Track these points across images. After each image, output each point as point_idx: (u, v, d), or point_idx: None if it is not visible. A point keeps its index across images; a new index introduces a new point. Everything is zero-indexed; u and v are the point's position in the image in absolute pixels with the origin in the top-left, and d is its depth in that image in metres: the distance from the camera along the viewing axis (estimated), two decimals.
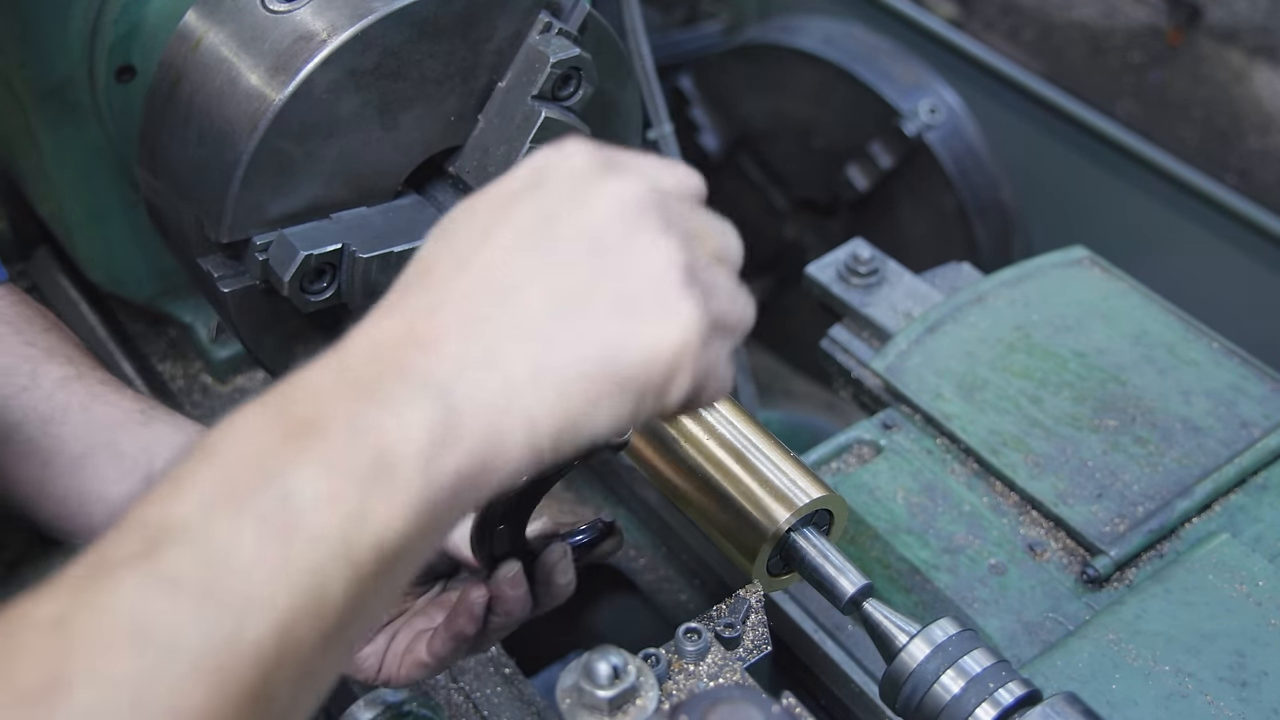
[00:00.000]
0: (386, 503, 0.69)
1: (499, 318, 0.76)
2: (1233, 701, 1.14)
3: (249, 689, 0.63)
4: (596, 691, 0.94)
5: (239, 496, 0.66)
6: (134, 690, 0.59)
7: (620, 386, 0.77)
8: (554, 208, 0.80)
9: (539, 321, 0.76)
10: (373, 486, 0.68)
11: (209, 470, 0.68)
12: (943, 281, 1.69)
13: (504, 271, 0.78)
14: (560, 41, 1.28)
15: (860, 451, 1.47)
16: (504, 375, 0.74)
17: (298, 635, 0.65)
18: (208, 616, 0.62)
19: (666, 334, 0.78)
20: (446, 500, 0.72)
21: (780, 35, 2.85)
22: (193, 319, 1.82)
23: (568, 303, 0.77)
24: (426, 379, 0.73)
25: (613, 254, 0.79)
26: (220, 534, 0.65)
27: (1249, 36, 3.37)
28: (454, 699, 1.36)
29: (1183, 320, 1.56)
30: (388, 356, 0.74)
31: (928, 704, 1.00)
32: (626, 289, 0.78)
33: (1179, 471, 1.37)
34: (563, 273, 0.78)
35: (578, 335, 0.77)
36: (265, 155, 1.21)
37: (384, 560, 0.69)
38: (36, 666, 0.59)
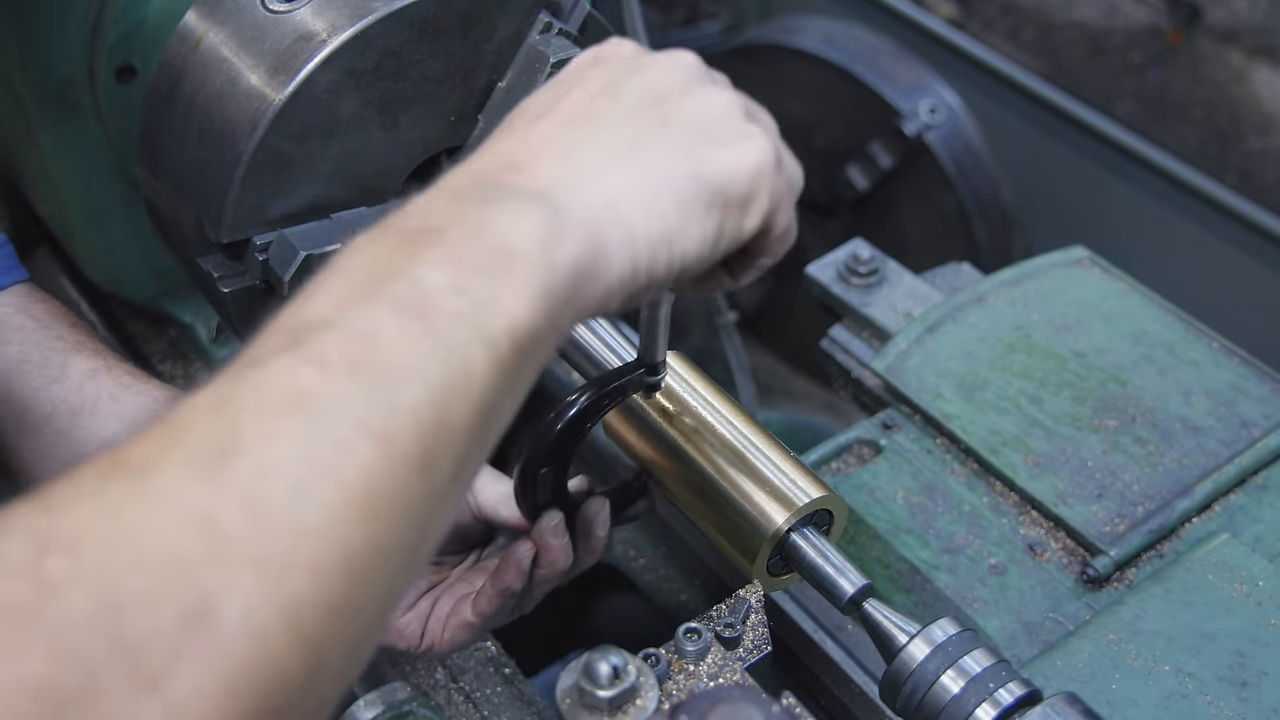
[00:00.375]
0: (512, 290, 0.71)
1: (587, 143, 0.82)
2: (1233, 701, 1.14)
3: (412, 456, 0.64)
4: (596, 691, 0.94)
5: (371, 291, 0.69)
6: (304, 446, 0.61)
7: (707, 201, 0.83)
8: (616, 76, 0.87)
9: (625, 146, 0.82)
10: (497, 276, 0.71)
11: (336, 280, 0.71)
12: (943, 281, 1.69)
13: (585, 115, 0.84)
14: (560, 41, 1.28)
15: (860, 451, 1.47)
16: (598, 187, 0.79)
17: (451, 410, 0.67)
18: (363, 384, 0.64)
19: (744, 153, 0.85)
20: (564, 292, 0.75)
21: (780, 35, 2.85)
22: (193, 319, 1.82)
23: (648, 134, 0.83)
24: (529, 190, 0.77)
25: (677, 102, 0.86)
26: (360, 321, 0.67)
27: (1249, 36, 3.37)
28: (454, 699, 1.36)
29: (1183, 320, 1.56)
30: (487, 178, 0.79)
31: (928, 704, 1.00)
32: (699, 124, 0.85)
33: (1179, 471, 1.37)
34: (636, 115, 0.84)
35: (663, 155, 0.83)
36: (265, 155, 1.21)
37: (517, 346, 0.71)
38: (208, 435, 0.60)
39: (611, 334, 1.26)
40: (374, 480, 0.62)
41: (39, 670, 0.51)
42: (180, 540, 0.56)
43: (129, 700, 0.52)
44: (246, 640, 0.55)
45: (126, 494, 0.57)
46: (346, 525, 0.60)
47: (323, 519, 0.60)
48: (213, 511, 0.57)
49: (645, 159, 0.82)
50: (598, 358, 1.23)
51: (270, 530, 0.58)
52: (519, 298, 0.71)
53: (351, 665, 0.63)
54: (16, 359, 1.23)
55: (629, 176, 0.81)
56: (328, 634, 0.59)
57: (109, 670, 0.52)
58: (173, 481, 0.58)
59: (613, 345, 1.24)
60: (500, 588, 1.12)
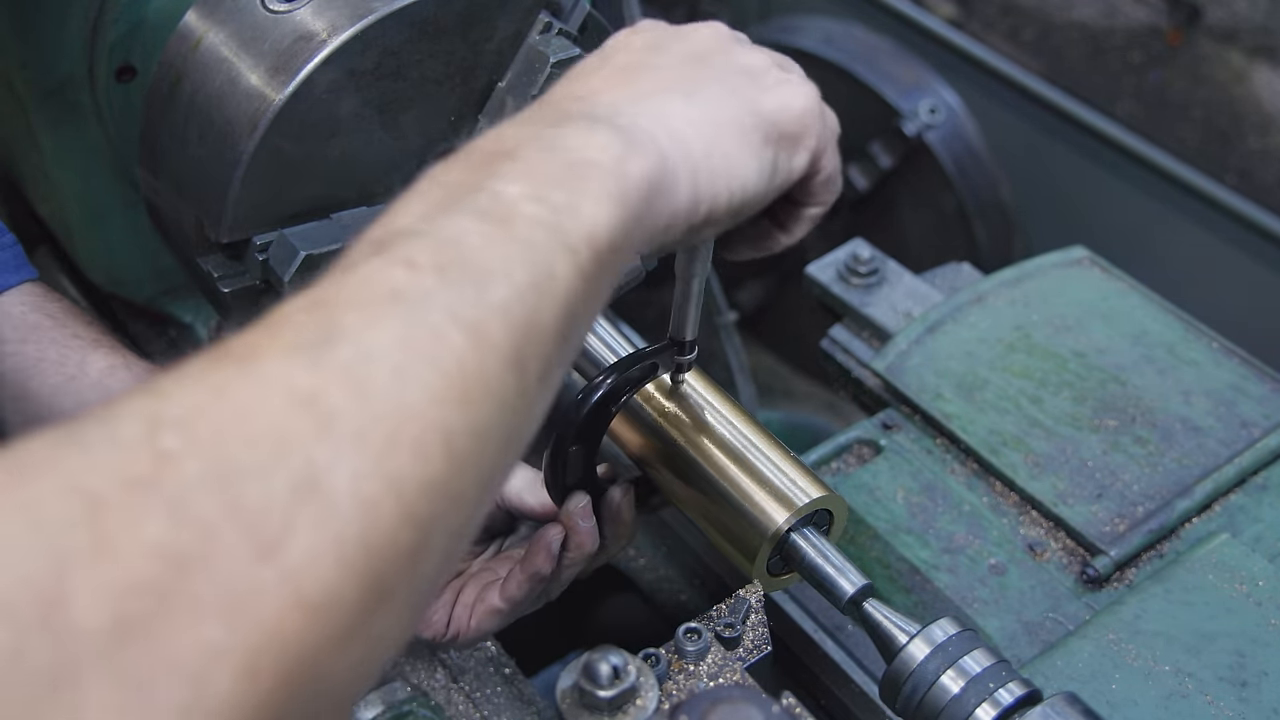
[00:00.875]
0: (590, 198, 0.74)
1: (646, 83, 0.86)
2: (1233, 701, 1.14)
3: (503, 349, 0.66)
4: (596, 691, 0.94)
5: (452, 204, 0.72)
6: (401, 333, 0.63)
7: (764, 134, 0.88)
8: (659, 39, 0.93)
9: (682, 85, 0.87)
10: (574, 185, 0.74)
11: (416, 199, 0.74)
12: (943, 281, 1.69)
13: (638, 64, 0.89)
14: (560, 41, 1.28)
15: (860, 451, 1.47)
16: (660, 117, 0.83)
17: (538, 309, 0.69)
18: (452, 281, 0.66)
19: (791, 94, 0.90)
20: (638, 206, 0.78)
21: (780, 35, 2.85)
22: (193, 319, 1.82)
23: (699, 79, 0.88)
24: (595, 115, 0.81)
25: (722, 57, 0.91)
26: (445, 228, 0.70)
27: (1249, 36, 3.37)
28: (454, 699, 1.36)
29: (1183, 320, 1.56)
30: (551, 109, 0.83)
31: (928, 704, 1.00)
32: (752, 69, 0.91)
33: (1179, 471, 1.37)
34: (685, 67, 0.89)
35: (717, 91, 0.87)
36: (265, 155, 1.21)
37: (596, 253, 0.73)
38: (309, 326, 0.63)
39: (612, 334, 1.26)
40: (469, 368, 0.64)
41: (160, 531, 0.52)
42: (288, 417, 0.58)
43: (246, 564, 0.53)
44: (357, 510, 0.57)
45: (234, 377, 0.59)
46: (445, 408, 0.62)
47: (423, 401, 0.62)
48: (318, 391, 0.59)
49: (701, 96, 0.86)
50: (598, 357, 1.23)
51: (373, 409, 0.60)
52: (598, 204, 0.74)
53: (453, 552, 0.66)
54: (34, 357, 1.24)
55: (688, 110, 0.85)
56: (431, 513, 0.61)
57: (227, 533, 0.53)
58: (278, 365, 0.60)
59: (613, 345, 1.24)
60: (530, 571, 1.14)
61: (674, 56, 0.91)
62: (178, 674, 0.50)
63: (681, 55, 0.91)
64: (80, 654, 0.48)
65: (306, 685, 0.54)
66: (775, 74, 0.92)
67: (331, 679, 0.56)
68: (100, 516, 0.51)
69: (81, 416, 0.56)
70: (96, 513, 0.51)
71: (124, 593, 0.50)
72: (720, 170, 0.85)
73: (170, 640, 0.50)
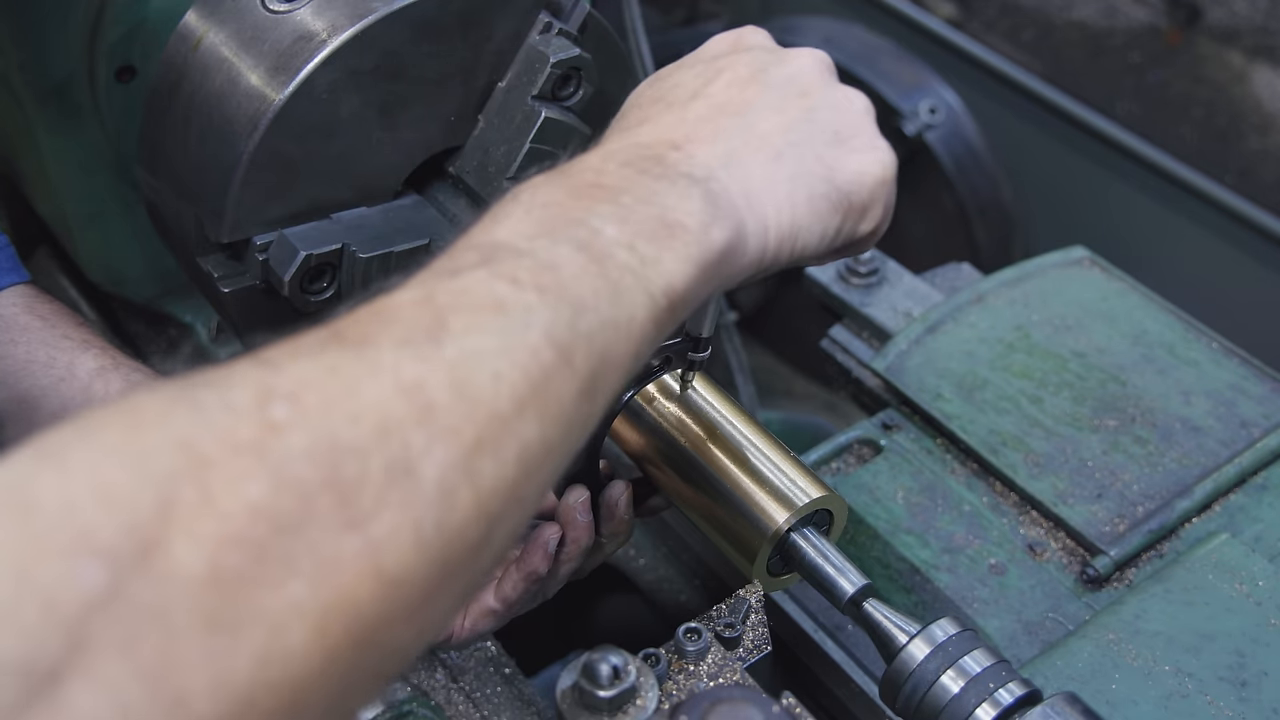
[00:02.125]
0: (674, 256, 0.79)
1: (738, 133, 0.90)
2: (1233, 701, 1.14)
3: (582, 375, 0.71)
4: (596, 691, 0.94)
5: (554, 229, 0.76)
6: (503, 342, 0.67)
7: (834, 203, 0.92)
8: (761, 63, 0.95)
9: (769, 139, 0.90)
10: (663, 241, 0.79)
11: (518, 214, 0.78)
12: (943, 281, 1.69)
13: (736, 102, 0.92)
14: (560, 41, 1.28)
15: (860, 451, 1.47)
16: (744, 179, 0.87)
17: (615, 345, 0.74)
18: (550, 303, 0.71)
19: (872, 163, 0.94)
20: (713, 268, 0.83)
21: (780, 35, 2.84)
22: (193, 319, 1.82)
23: (793, 129, 0.91)
24: (689, 173, 0.85)
25: (819, 97, 0.94)
26: (546, 252, 0.74)
27: (1249, 36, 3.37)
28: (454, 699, 1.36)
29: (1183, 320, 1.56)
30: (650, 152, 0.87)
31: (928, 704, 1.00)
32: (839, 124, 0.94)
33: (1179, 471, 1.37)
34: (784, 106, 0.92)
35: (802, 153, 0.91)
36: (265, 155, 1.21)
37: (671, 303, 0.79)
38: (419, 321, 0.67)
39: None
40: (553, 386, 0.69)
41: (262, 493, 0.56)
42: (393, 401, 0.62)
43: (336, 533, 0.57)
44: (440, 502, 0.61)
45: (345, 357, 0.63)
46: (526, 419, 0.67)
47: (511, 409, 0.66)
48: (423, 382, 0.63)
49: (789, 153, 0.90)
50: None
51: (470, 408, 0.64)
52: (679, 263, 0.79)
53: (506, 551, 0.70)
54: (23, 359, 1.24)
55: (770, 172, 0.89)
56: (499, 512, 0.65)
57: (322, 502, 0.57)
58: (388, 352, 0.64)
59: None
60: (526, 571, 1.15)
61: (775, 90, 0.93)
62: (261, 624, 0.54)
63: (783, 88, 0.94)
64: (174, 596, 0.52)
65: (370, 649, 0.59)
66: (866, 133, 0.95)
67: (392, 645, 0.61)
68: (207, 473, 0.55)
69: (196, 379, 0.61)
70: (204, 469, 0.55)
71: (221, 545, 0.54)
72: (788, 232, 0.89)
73: (258, 593, 0.54)
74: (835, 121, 0.94)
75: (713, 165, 0.87)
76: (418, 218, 1.32)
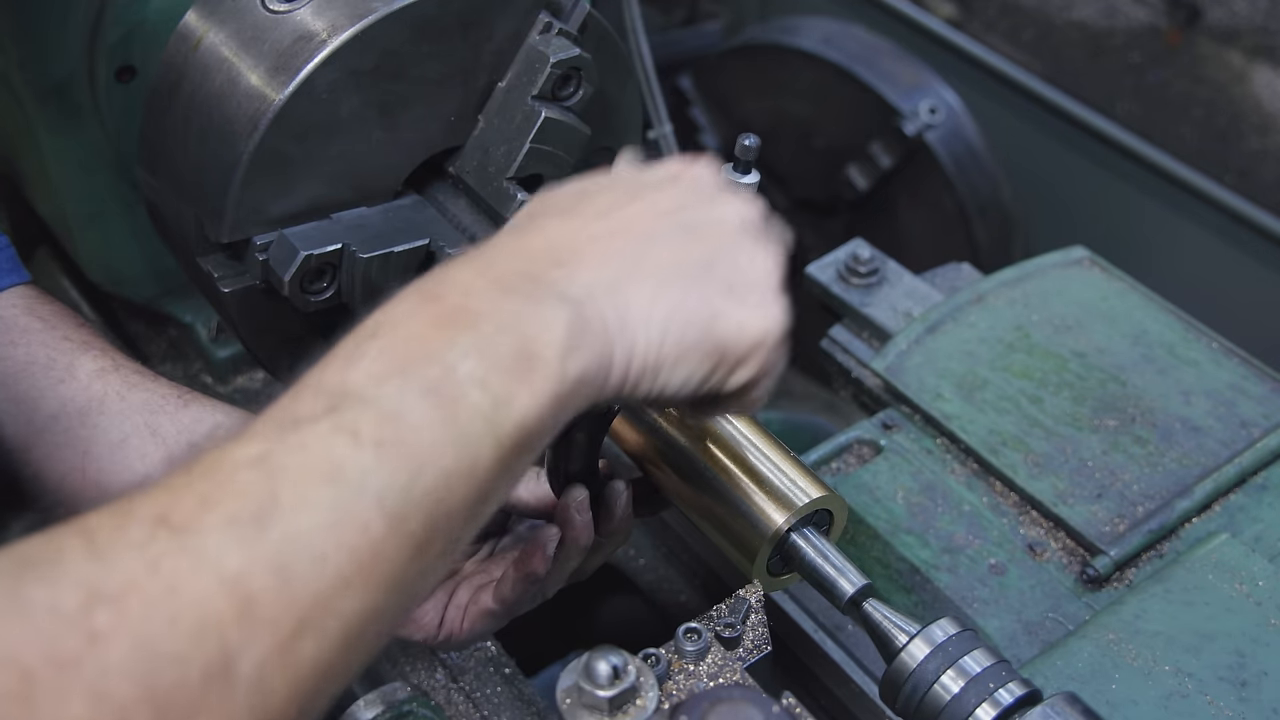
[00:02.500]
0: (529, 391, 0.78)
1: (629, 260, 0.87)
2: (1233, 701, 1.14)
3: (415, 535, 0.71)
4: (596, 691, 0.94)
5: (407, 368, 0.75)
6: (332, 519, 0.67)
7: (705, 351, 0.89)
8: (688, 201, 0.93)
9: (659, 272, 0.88)
10: (519, 375, 0.78)
11: (375, 345, 0.77)
12: (943, 281, 1.69)
13: (640, 230, 0.89)
14: (560, 41, 1.28)
15: (860, 451, 1.47)
16: (623, 306, 0.85)
17: (454, 494, 0.73)
18: (388, 462, 0.70)
19: (757, 321, 0.90)
20: (569, 397, 0.81)
21: (780, 35, 2.85)
22: (193, 319, 1.82)
23: (686, 268, 0.89)
24: (563, 293, 0.83)
25: (727, 248, 0.91)
26: (393, 398, 0.73)
27: (1248, 36, 3.37)
28: (454, 699, 1.36)
29: (1183, 320, 1.56)
30: (529, 266, 0.85)
31: (928, 704, 1.00)
32: (738, 277, 0.91)
33: (1179, 471, 1.37)
34: (687, 247, 0.90)
35: (687, 293, 0.88)
36: (265, 155, 1.21)
37: (522, 440, 0.78)
38: (248, 496, 0.66)
39: None
40: (380, 556, 0.69)
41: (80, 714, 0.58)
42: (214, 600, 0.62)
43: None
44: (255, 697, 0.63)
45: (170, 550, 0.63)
46: (350, 596, 0.67)
47: (334, 589, 0.66)
48: (245, 574, 0.64)
49: (674, 292, 0.88)
50: None
51: (291, 596, 0.65)
52: (533, 399, 0.78)
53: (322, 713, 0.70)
54: (23, 360, 1.24)
55: (650, 303, 0.86)
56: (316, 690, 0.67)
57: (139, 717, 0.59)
58: (213, 542, 0.64)
59: None
60: (524, 572, 1.15)
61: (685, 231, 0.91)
62: None
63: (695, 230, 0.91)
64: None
65: None
66: (762, 292, 0.92)
67: None
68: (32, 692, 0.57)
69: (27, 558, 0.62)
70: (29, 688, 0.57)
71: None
72: (651, 367, 0.87)
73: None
74: (733, 275, 0.91)
75: (593, 287, 0.85)
76: (418, 218, 1.32)
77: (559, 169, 1.31)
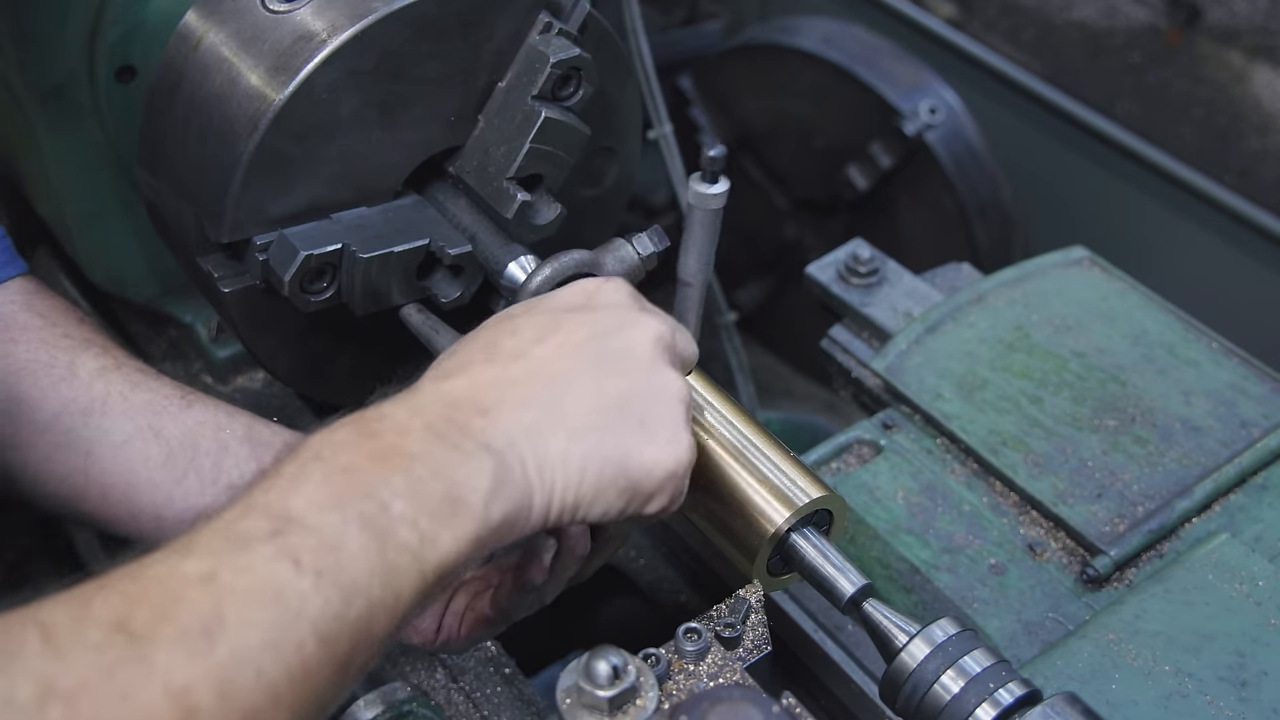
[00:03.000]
0: (452, 534, 0.85)
1: (546, 405, 0.93)
2: (1233, 701, 1.14)
3: (340, 658, 0.77)
4: (596, 691, 0.94)
5: (346, 500, 0.81)
6: (272, 639, 0.73)
7: (620, 488, 0.96)
8: (600, 328, 0.99)
9: (575, 417, 0.94)
10: (444, 519, 0.84)
11: (318, 470, 0.83)
12: (943, 281, 1.69)
13: (558, 368, 0.95)
14: (560, 41, 1.28)
15: (860, 451, 1.47)
16: (541, 452, 0.92)
17: (379, 622, 0.80)
18: (325, 589, 0.76)
19: (667, 458, 0.97)
20: (490, 537, 0.88)
21: (780, 35, 2.85)
22: (193, 319, 1.81)
23: (600, 411, 0.95)
24: (488, 443, 0.89)
25: (639, 380, 0.98)
26: (333, 529, 0.79)
27: (1248, 36, 3.37)
28: (454, 699, 1.36)
29: (1182, 320, 1.56)
30: (455, 414, 0.90)
31: (928, 704, 1.00)
32: (647, 413, 0.97)
33: (1179, 471, 1.37)
34: (601, 385, 0.96)
35: (603, 437, 0.95)
36: (265, 155, 1.21)
37: (441, 576, 0.84)
38: (195, 615, 0.72)
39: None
40: (310, 675, 0.75)
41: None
42: (160, 710, 0.68)
43: None
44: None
45: (124, 656, 0.68)
46: (279, 710, 0.73)
47: (268, 703, 0.72)
48: (190, 687, 0.69)
49: (588, 436, 0.94)
50: None
51: (229, 709, 0.70)
52: (456, 541, 0.85)
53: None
54: (24, 359, 1.23)
55: (567, 448, 0.93)
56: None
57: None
58: (164, 655, 0.69)
59: None
60: (522, 581, 1.16)
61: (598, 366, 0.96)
62: None
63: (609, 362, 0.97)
64: None
65: None
66: (671, 424, 0.98)
67: None
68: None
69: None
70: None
71: None
72: (571, 505, 0.94)
73: None
74: (644, 410, 0.97)
75: (514, 434, 0.91)
76: (418, 218, 1.32)
77: (559, 169, 1.31)
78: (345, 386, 1.46)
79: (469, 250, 1.28)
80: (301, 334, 1.37)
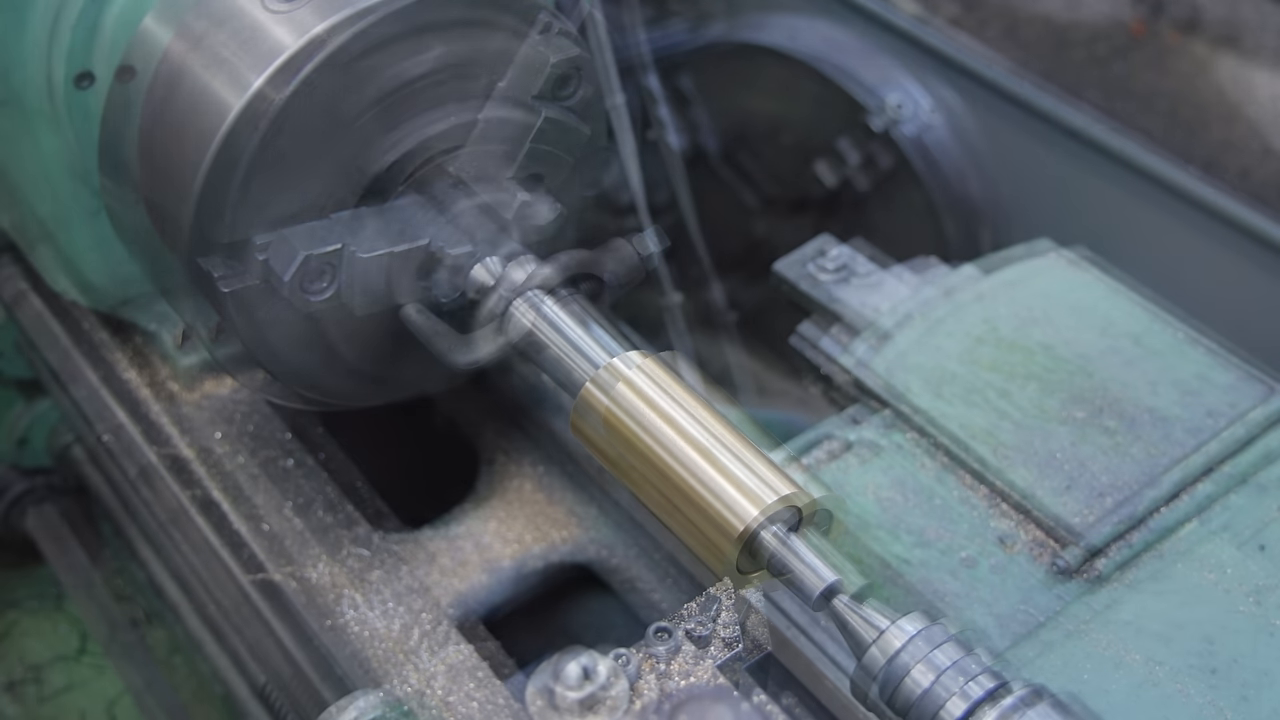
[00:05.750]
0: None
1: None
2: (1203, 689, 1.15)
3: None
4: (567, 693, 0.93)
5: None
6: None
7: None
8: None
9: None
10: None
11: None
12: (911, 276, 1.69)
13: None
14: (560, 41, 1.28)
15: (830, 447, 1.47)
16: None
17: None
18: None
19: None
20: None
21: (747, 33, 2.85)
22: (157, 326, 1.80)
23: None
24: None
25: None
26: None
27: (1211, 27, 3.39)
28: (427, 703, 1.35)
29: (1148, 310, 1.56)
30: None
31: (899, 699, 1.00)
32: None
33: (1147, 462, 1.38)
34: None
35: None
36: (265, 155, 1.21)
37: None
38: None
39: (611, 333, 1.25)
40: None
41: None
42: None
43: None
44: None
45: None
46: None
47: None
48: None
49: None
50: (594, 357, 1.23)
51: None
52: None
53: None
54: None
55: None
56: None
57: None
58: None
59: (609, 345, 1.23)
60: None
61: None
62: None
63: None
64: None
65: None
66: None
67: None
68: None
69: None
70: None
71: None
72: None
73: None
74: None
75: None
76: (418, 217, 1.31)
77: (559, 169, 1.31)
78: (344, 387, 1.45)
79: (469, 250, 1.27)
80: (301, 334, 1.36)
